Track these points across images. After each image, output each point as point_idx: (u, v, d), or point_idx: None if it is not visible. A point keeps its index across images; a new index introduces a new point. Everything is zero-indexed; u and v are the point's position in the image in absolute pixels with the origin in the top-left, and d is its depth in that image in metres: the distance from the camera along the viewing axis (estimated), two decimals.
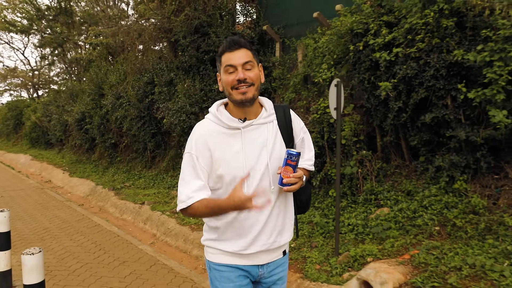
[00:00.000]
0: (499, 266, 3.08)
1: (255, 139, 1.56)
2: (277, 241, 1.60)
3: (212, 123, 1.57)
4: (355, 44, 4.29)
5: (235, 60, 1.48)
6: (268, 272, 1.65)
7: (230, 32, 6.70)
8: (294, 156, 1.49)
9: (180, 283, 3.48)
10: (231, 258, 1.59)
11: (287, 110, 1.69)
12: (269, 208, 1.57)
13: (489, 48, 3.21)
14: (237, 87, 1.48)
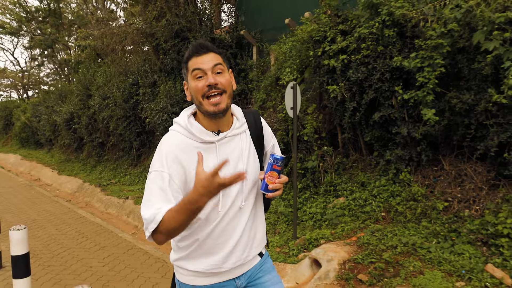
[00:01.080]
0: (428, 244, 3.57)
1: (230, 152, 1.44)
2: (250, 254, 1.51)
3: (182, 136, 1.40)
4: (315, 50, 4.76)
5: (203, 63, 1.36)
6: (247, 279, 1.55)
7: (209, 37, 7.14)
8: (280, 161, 1.41)
9: (152, 262, 3.92)
10: (204, 278, 1.46)
11: (258, 117, 1.60)
12: (242, 225, 1.46)
13: (420, 56, 3.69)
14: (208, 95, 1.35)
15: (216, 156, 1.40)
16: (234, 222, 1.45)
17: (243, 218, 1.47)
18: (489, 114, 3.52)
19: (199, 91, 1.35)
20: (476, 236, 3.43)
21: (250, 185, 1.49)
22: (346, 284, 3.36)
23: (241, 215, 1.47)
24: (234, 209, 1.45)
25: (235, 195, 1.44)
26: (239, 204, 1.45)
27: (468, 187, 3.84)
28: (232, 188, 1.42)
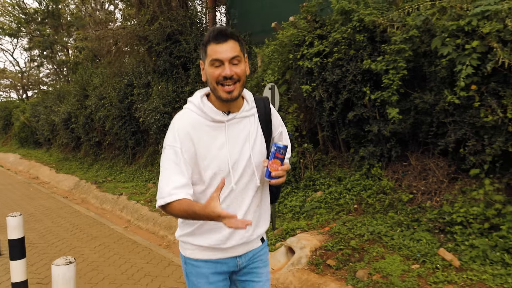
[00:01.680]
0: (392, 232, 3.89)
1: (238, 132, 1.52)
2: (254, 233, 1.59)
3: (194, 114, 1.50)
4: (294, 53, 5.07)
5: (222, 54, 1.40)
6: (247, 260, 1.63)
7: (199, 39, 7.46)
8: (282, 149, 1.47)
9: (140, 250, 4.23)
10: (208, 252, 1.55)
11: (267, 103, 1.67)
12: (246, 203, 1.55)
13: (385, 59, 4.01)
14: (223, 83, 1.42)
15: (224, 135, 1.49)
16: (240, 200, 1.53)
17: (248, 197, 1.55)
18: (447, 113, 3.83)
19: (215, 78, 1.42)
20: (434, 225, 3.75)
21: (255, 165, 1.55)
22: (316, 269, 3.68)
23: (246, 193, 1.54)
24: (239, 188, 1.52)
25: (239, 175, 1.51)
26: (246, 181, 1.53)
27: (431, 180, 4.16)
28: (238, 168, 1.50)
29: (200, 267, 1.55)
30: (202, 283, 1.55)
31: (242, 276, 1.65)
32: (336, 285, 3.41)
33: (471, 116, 3.62)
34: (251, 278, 1.65)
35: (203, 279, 1.55)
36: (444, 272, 3.17)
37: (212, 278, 1.56)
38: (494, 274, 3.01)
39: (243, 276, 1.65)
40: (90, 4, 18.31)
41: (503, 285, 2.91)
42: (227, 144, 1.49)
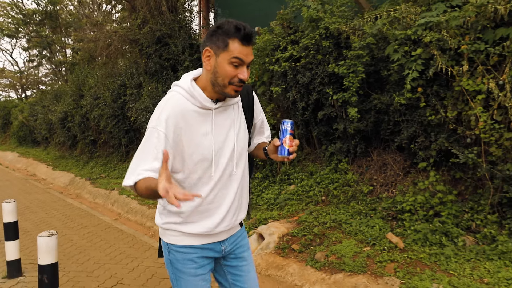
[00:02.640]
0: (351, 220, 4.30)
1: (223, 120, 1.54)
2: (238, 218, 1.65)
3: (183, 99, 1.47)
4: (270, 57, 5.48)
5: (247, 57, 1.41)
6: (230, 245, 1.67)
7: (187, 43, 7.86)
8: (293, 125, 1.53)
9: (124, 237, 4.65)
10: (196, 239, 1.57)
11: (250, 91, 1.69)
12: (233, 191, 1.57)
13: (346, 64, 4.42)
14: (235, 84, 1.43)
15: (211, 122, 1.50)
16: (227, 187, 1.56)
17: (235, 184, 1.57)
18: (400, 112, 4.24)
19: (230, 77, 1.41)
20: (387, 212, 4.17)
21: (240, 152, 1.58)
22: (281, 252, 4.09)
23: (232, 181, 1.57)
24: (225, 176, 1.54)
25: (226, 162, 1.53)
26: (231, 169, 1.55)
27: (389, 174, 4.58)
28: (222, 156, 1.52)
29: (186, 252, 1.56)
30: (190, 267, 1.56)
31: (230, 262, 1.69)
32: (297, 266, 3.83)
33: (419, 116, 4.04)
34: (238, 262, 1.69)
35: (191, 264, 1.56)
36: (389, 253, 3.58)
37: (200, 262, 1.58)
38: (430, 253, 3.43)
39: (230, 262, 1.69)
40: (88, 5, 18.70)
41: (436, 262, 3.32)
42: (212, 132, 1.49)
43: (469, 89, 3.51)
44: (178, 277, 1.57)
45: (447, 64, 3.62)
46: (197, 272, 1.57)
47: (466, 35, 3.57)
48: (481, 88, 3.44)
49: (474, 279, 3.01)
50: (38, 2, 18.12)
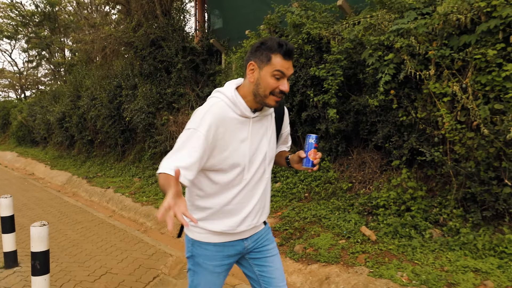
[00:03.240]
0: (331, 215, 4.55)
1: (258, 129, 1.64)
2: (260, 219, 1.74)
3: (225, 105, 1.58)
4: None
5: (288, 70, 1.53)
6: (253, 242, 1.75)
7: (180, 45, 8.11)
8: (317, 139, 1.69)
9: (116, 232, 4.89)
10: (218, 236, 1.66)
11: (283, 104, 1.83)
12: (258, 194, 1.68)
13: (326, 67, 4.67)
14: (276, 95, 1.53)
15: (248, 130, 1.61)
16: (252, 192, 1.66)
17: (261, 188, 1.69)
18: (376, 113, 4.49)
19: (271, 88, 1.52)
20: (364, 208, 4.41)
21: (269, 160, 1.70)
22: None
23: (259, 185, 1.68)
24: (254, 180, 1.65)
25: (256, 168, 1.64)
26: (260, 175, 1.66)
27: (367, 171, 4.82)
28: (255, 162, 1.63)
29: (209, 249, 1.66)
30: (209, 264, 1.66)
31: (255, 255, 1.77)
32: None
33: (393, 116, 4.28)
34: (263, 255, 1.78)
35: (211, 261, 1.66)
36: (362, 245, 3.83)
37: (220, 261, 1.67)
38: (399, 245, 3.67)
39: (256, 254, 1.77)
40: (87, 7, 18.93)
41: (403, 253, 3.57)
42: (248, 139, 1.60)
43: (436, 92, 3.76)
44: (196, 270, 1.68)
45: (416, 68, 3.87)
46: (215, 269, 1.67)
47: (434, 41, 3.82)
48: (447, 91, 3.68)
49: (435, 268, 3.25)
50: (36, 3, 18.37)
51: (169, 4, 8.39)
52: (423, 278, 3.10)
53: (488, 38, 3.46)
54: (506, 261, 3.14)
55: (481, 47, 3.49)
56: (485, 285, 2.92)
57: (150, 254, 4.07)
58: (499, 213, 3.53)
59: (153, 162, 9.11)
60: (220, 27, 8.73)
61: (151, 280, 3.41)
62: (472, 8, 3.52)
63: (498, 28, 3.37)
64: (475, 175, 3.57)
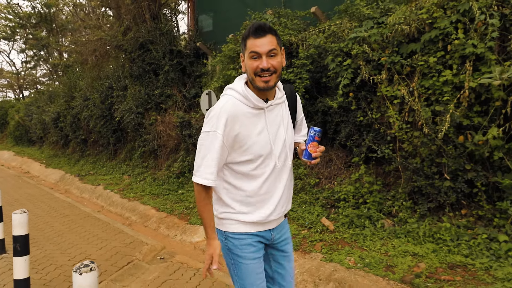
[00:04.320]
0: (298, 208, 4.91)
1: (274, 118, 1.66)
2: (286, 209, 1.77)
3: (238, 101, 1.60)
4: (233, 64, 6.09)
5: (260, 47, 1.52)
6: (277, 233, 1.79)
7: (167, 48, 8.46)
8: (319, 133, 1.64)
9: (100, 224, 5.26)
10: (251, 227, 1.69)
11: (293, 91, 1.83)
12: (283, 182, 1.71)
13: (294, 71, 5.03)
14: (260, 75, 1.54)
15: (264, 120, 1.64)
16: (278, 179, 1.68)
17: (285, 176, 1.71)
18: (339, 114, 4.85)
19: (253, 69, 1.55)
20: (327, 201, 4.78)
21: (288, 147, 1.71)
22: None
23: (283, 173, 1.70)
24: (277, 169, 1.67)
25: (277, 156, 1.66)
26: (282, 162, 1.68)
27: (333, 168, 5.19)
28: (275, 151, 1.65)
29: (243, 238, 1.69)
30: (248, 252, 1.69)
31: (274, 251, 1.84)
32: None
33: (353, 117, 4.65)
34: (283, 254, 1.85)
35: (249, 248, 1.69)
36: (320, 234, 4.19)
37: (257, 246, 1.72)
38: (353, 234, 4.04)
39: (275, 251, 1.84)
40: (84, 7, 19.24)
41: (356, 241, 3.93)
42: (266, 129, 1.62)
43: (388, 94, 4.13)
44: (237, 263, 1.71)
45: (370, 73, 4.23)
46: (255, 255, 1.71)
47: (386, 49, 4.19)
48: (397, 94, 4.05)
49: (380, 253, 3.62)
50: (33, 5, 18.73)
51: (157, 8, 8.76)
52: (367, 261, 3.46)
53: (431, 46, 3.82)
54: (441, 246, 3.51)
55: (425, 55, 3.86)
56: (418, 266, 3.29)
57: (128, 243, 4.43)
58: (441, 204, 3.90)
59: (142, 160, 9.47)
60: (209, 30, 9.07)
61: (125, 265, 3.78)
62: (418, 19, 3.88)
63: (438, 38, 3.74)
64: (420, 170, 3.93)
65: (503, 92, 3.33)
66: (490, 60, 3.42)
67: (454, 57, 3.61)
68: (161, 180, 7.80)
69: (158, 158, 8.85)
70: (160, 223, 5.65)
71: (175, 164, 7.90)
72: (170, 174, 7.79)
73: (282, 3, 6.90)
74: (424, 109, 3.76)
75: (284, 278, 1.85)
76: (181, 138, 7.80)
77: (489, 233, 3.44)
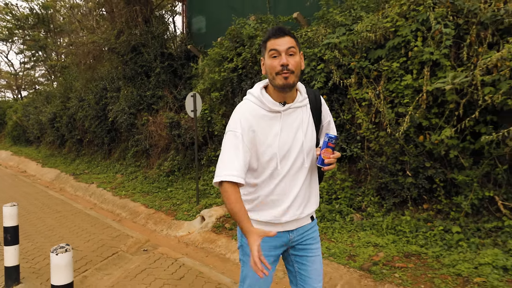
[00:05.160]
0: None
1: (292, 121, 1.68)
2: (304, 212, 1.75)
3: (255, 105, 1.67)
4: (219, 67, 6.38)
5: (280, 45, 1.59)
6: (298, 236, 1.78)
7: (159, 51, 8.75)
8: (334, 139, 1.64)
9: (90, 220, 5.54)
10: (265, 226, 1.71)
11: (318, 95, 1.83)
12: (299, 185, 1.71)
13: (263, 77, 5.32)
14: (280, 73, 1.58)
15: (280, 123, 1.67)
16: (293, 182, 1.70)
17: (300, 179, 1.71)
18: None
19: (274, 68, 1.60)
20: None
21: (307, 150, 1.72)
22: (216, 230, 4.99)
23: (298, 176, 1.71)
24: (293, 171, 1.69)
25: (293, 159, 1.68)
26: (298, 165, 1.70)
27: None
28: (292, 154, 1.68)
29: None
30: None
31: (296, 252, 1.82)
32: (225, 240, 4.72)
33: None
34: (305, 253, 1.81)
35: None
36: None
37: (267, 251, 1.73)
38: (324, 227, 4.32)
39: (297, 252, 1.81)
40: (81, 9, 19.49)
41: (325, 233, 4.22)
42: (281, 132, 1.65)
43: (357, 97, 4.42)
44: (245, 260, 1.78)
45: (341, 77, 4.52)
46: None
47: (356, 54, 4.48)
48: (365, 96, 4.34)
49: (346, 244, 3.91)
50: (31, 6, 18.99)
51: (149, 12, 9.04)
52: (332, 251, 3.75)
53: (394, 52, 4.12)
54: (401, 237, 3.81)
55: (389, 60, 4.15)
56: (377, 255, 3.58)
57: (114, 236, 4.72)
58: (404, 199, 4.19)
59: (135, 159, 9.75)
60: (202, 33, 9.34)
61: (110, 256, 4.06)
62: (383, 27, 4.17)
63: (400, 45, 4.03)
64: (386, 167, 4.23)
65: (456, 96, 3.63)
66: (445, 66, 3.71)
67: (414, 63, 3.91)
68: (151, 179, 8.09)
69: (150, 157, 9.13)
70: (148, 219, 5.94)
71: (165, 163, 8.19)
72: (161, 173, 8.08)
73: (268, 8, 7.20)
74: (388, 111, 4.05)
75: (304, 280, 1.82)
76: (171, 138, 8.08)
77: (444, 225, 3.74)
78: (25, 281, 3.42)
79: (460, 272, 3.04)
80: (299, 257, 1.82)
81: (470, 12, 3.67)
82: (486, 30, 3.60)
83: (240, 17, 6.54)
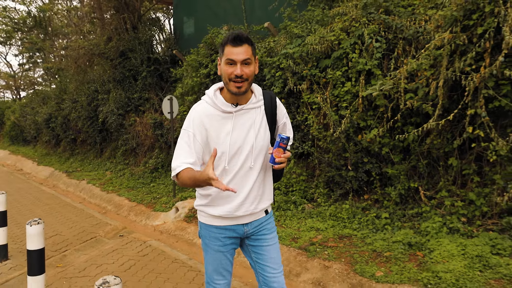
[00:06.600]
0: None
1: (244, 121, 1.76)
2: (258, 207, 1.85)
3: (208, 105, 1.75)
4: (196, 72, 6.96)
5: (236, 56, 1.64)
6: (253, 228, 1.89)
7: (145, 56, 9.34)
8: (286, 140, 1.70)
9: (76, 211, 6.13)
10: (219, 220, 1.81)
11: (274, 97, 1.90)
12: (251, 182, 1.79)
13: None
14: (234, 80, 1.65)
15: (231, 123, 1.75)
16: (245, 179, 1.78)
17: (252, 177, 1.80)
18: None
19: (228, 75, 1.67)
20: None
21: (258, 150, 1.79)
22: (188, 220, 5.57)
23: (250, 174, 1.79)
24: (244, 169, 1.77)
25: (244, 157, 1.76)
26: (249, 164, 1.77)
27: None
28: (242, 152, 1.76)
29: (212, 231, 1.85)
30: (214, 244, 1.86)
31: (252, 242, 1.92)
32: (194, 228, 5.31)
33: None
34: (260, 243, 1.92)
35: (215, 241, 1.85)
36: None
37: (223, 241, 1.86)
38: (278, 215, 4.90)
39: (253, 242, 1.92)
40: (78, 12, 20.04)
41: (278, 221, 4.80)
42: (233, 131, 1.73)
43: (309, 101, 5.01)
44: (205, 249, 1.92)
45: (296, 83, 5.11)
46: (220, 249, 1.87)
47: (308, 63, 5.06)
48: (315, 100, 4.93)
49: (293, 229, 4.49)
50: (29, 10, 19.58)
51: (137, 20, 9.63)
52: (280, 235, 4.34)
53: (338, 62, 4.71)
54: (339, 222, 4.39)
55: (334, 69, 4.74)
56: (316, 238, 4.17)
57: (95, 224, 5.30)
58: (347, 191, 4.78)
59: (124, 158, 10.33)
60: (188, 38, 9.91)
61: (89, 239, 4.65)
62: (329, 40, 4.76)
63: (342, 56, 4.62)
64: (332, 163, 4.81)
65: (386, 100, 4.22)
66: (377, 75, 4.30)
67: (352, 71, 4.49)
68: (137, 175, 8.67)
69: (137, 155, 9.72)
70: (130, 211, 6.52)
71: (150, 160, 8.78)
72: (146, 170, 8.66)
73: (244, 17, 7.80)
74: (332, 113, 4.64)
75: (263, 268, 1.91)
76: (155, 138, 8.67)
77: (377, 212, 4.33)
78: (13, 258, 4.00)
79: (375, 249, 3.63)
80: (255, 247, 1.92)
81: (397, 29, 4.26)
82: (410, 44, 4.19)
83: (221, 24, 7.12)
